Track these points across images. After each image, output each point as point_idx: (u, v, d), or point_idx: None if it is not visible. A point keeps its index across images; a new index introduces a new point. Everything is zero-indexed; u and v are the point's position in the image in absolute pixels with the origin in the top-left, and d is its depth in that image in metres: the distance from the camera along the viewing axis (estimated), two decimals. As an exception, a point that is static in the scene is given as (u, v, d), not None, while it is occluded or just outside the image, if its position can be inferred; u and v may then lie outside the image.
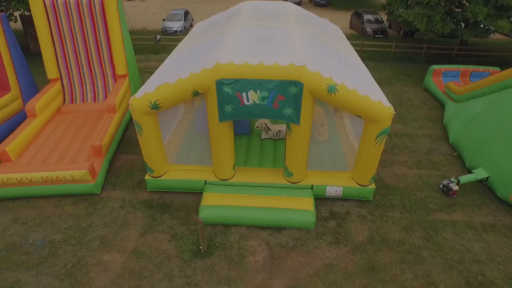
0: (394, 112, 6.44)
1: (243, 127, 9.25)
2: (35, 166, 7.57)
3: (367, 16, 20.44)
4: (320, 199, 7.77)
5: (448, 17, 12.99)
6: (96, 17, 10.40)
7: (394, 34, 21.18)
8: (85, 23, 10.44)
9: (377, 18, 20.34)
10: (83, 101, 10.99)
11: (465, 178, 7.94)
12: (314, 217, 6.95)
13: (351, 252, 6.57)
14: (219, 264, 6.31)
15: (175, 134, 8.56)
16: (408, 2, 13.03)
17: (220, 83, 6.08)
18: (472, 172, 8.25)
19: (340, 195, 7.64)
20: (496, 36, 21.24)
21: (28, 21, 16.89)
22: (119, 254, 6.51)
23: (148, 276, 6.11)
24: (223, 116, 6.47)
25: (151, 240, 6.81)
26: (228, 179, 7.68)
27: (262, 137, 9.19)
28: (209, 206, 7.09)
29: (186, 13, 22.15)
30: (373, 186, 7.55)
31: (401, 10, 13.45)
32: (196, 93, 6.31)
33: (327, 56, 7.24)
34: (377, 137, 6.62)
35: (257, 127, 8.94)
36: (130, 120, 11.01)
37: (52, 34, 10.34)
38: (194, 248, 6.55)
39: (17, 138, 8.41)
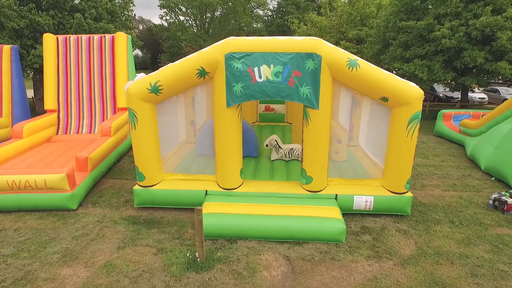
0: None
1: (250, 148, 8.25)
2: None
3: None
4: (347, 215, 6.28)
5: (448, 65, 13.41)
6: (105, 54, 10.58)
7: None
8: (93, 59, 10.55)
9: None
10: (78, 133, 10.24)
11: (518, 191, 6.63)
12: (343, 225, 5.41)
13: (399, 265, 4.84)
14: (221, 279, 4.54)
15: (173, 153, 7.53)
16: (407, 56, 13.66)
17: (229, 58, 5.51)
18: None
19: (371, 207, 6.20)
20: (490, 104, 21.94)
21: (39, 83, 17.51)
22: (84, 268, 4.76)
23: (120, 292, 4.30)
24: (231, 99, 5.67)
25: (130, 253, 5.12)
26: (234, 189, 6.35)
27: (272, 158, 8.11)
28: (210, 215, 5.59)
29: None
30: (409, 194, 6.19)
31: (402, 64, 14.00)
32: (202, 72, 5.66)
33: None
34: (408, 124, 5.69)
35: (267, 145, 7.97)
36: (127, 152, 10.04)
37: (58, 67, 10.34)
38: (188, 255, 4.84)
39: (-9, 152, 7.38)
